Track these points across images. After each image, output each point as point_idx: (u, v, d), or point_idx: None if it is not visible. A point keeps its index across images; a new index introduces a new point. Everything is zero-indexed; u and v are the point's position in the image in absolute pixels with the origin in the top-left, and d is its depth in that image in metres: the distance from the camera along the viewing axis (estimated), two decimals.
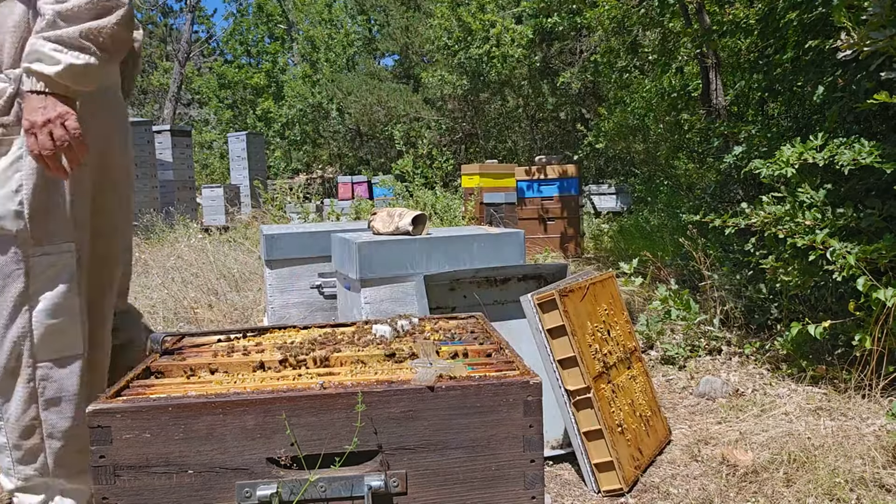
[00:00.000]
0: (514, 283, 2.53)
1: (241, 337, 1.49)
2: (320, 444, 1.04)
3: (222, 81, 22.96)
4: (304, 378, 1.17)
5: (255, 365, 1.25)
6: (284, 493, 1.04)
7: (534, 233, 7.30)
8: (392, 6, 17.99)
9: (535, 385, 1.06)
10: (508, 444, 1.06)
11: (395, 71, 19.58)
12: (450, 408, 1.05)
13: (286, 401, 1.04)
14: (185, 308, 4.57)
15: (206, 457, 1.03)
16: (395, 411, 1.05)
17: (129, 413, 1.02)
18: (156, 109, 23.94)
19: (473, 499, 1.06)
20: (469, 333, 1.46)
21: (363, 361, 1.27)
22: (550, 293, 2.08)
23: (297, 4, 23.51)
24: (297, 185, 12.42)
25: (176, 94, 20.65)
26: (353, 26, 21.26)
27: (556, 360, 2.06)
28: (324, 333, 1.49)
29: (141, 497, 1.02)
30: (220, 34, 25.96)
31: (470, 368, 1.16)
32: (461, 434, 1.06)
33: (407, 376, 1.12)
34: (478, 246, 2.51)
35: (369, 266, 2.37)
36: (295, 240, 3.05)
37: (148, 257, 6.79)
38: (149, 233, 9.37)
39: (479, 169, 8.29)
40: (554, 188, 7.43)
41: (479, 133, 15.53)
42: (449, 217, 8.30)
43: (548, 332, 2.07)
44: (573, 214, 7.50)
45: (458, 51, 13.28)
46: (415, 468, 1.06)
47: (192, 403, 1.03)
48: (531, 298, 2.07)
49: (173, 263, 5.75)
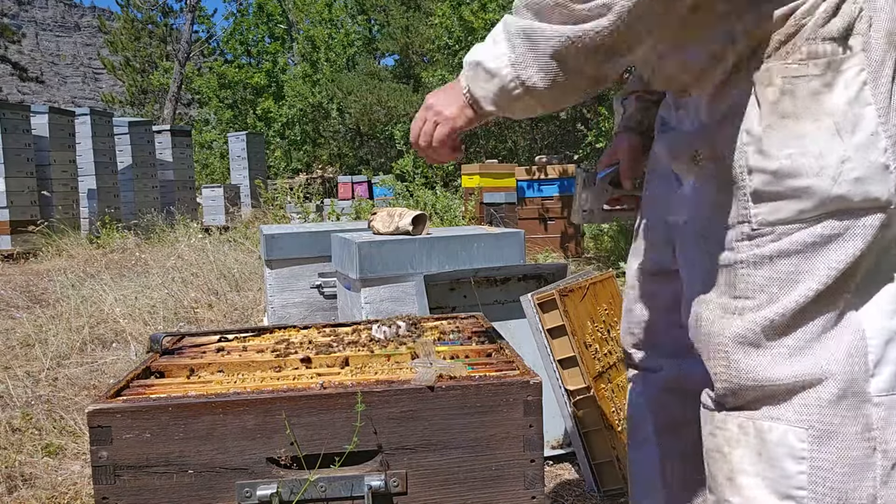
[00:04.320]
0: (514, 283, 2.53)
1: (241, 337, 1.49)
2: (320, 444, 1.05)
3: (222, 81, 22.95)
4: (304, 378, 1.17)
5: (274, 365, 1.25)
6: (284, 493, 1.04)
7: (534, 233, 7.30)
8: (392, 6, 18.00)
9: (535, 385, 1.06)
10: (508, 443, 1.06)
11: (396, 71, 19.59)
12: (450, 408, 1.05)
13: (286, 401, 1.04)
14: (185, 308, 4.57)
15: (206, 457, 1.03)
16: (395, 411, 1.05)
17: (129, 413, 1.02)
18: (156, 109, 23.95)
19: (473, 499, 1.07)
20: (469, 333, 1.46)
21: (363, 361, 1.27)
22: (550, 293, 2.08)
23: (298, 4, 23.50)
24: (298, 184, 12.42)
25: (176, 94, 20.66)
26: (354, 26, 21.27)
27: (556, 360, 2.06)
28: (324, 333, 1.49)
29: (141, 497, 1.02)
30: (220, 34, 25.96)
31: (470, 368, 1.16)
32: (461, 434, 1.06)
33: (407, 376, 1.12)
34: (478, 246, 2.51)
35: (369, 266, 2.37)
36: (295, 240, 3.05)
37: (148, 257, 6.79)
38: (149, 233, 9.37)
39: (479, 169, 8.29)
40: (554, 188, 7.43)
41: (479, 133, 15.54)
42: (449, 217, 8.30)
43: (548, 332, 2.07)
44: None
45: (459, 50, 13.28)
46: (415, 468, 1.06)
47: (192, 403, 1.03)
48: (531, 298, 2.07)
49: (173, 263, 5.75)
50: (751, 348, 1.02)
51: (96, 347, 3.94)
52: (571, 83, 1.00)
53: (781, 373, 0.99)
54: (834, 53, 0.96)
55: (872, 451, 0.98)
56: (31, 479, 2.26)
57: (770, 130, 0.98)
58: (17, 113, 9.16)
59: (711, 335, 1.05)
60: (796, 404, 0.99)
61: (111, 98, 26.66)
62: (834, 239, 0.96)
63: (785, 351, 1.00)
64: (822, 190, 0.95)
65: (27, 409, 2.82)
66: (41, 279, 6.60)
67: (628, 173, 1.39)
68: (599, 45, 0.95)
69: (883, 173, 0.95)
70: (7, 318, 4.75)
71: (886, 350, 0.98)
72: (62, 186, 9.78)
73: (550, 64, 0.98)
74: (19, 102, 21.53)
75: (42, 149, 9.52)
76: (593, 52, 0.96)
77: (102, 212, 10.33)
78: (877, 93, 0.96)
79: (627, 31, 0.95)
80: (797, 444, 0.99)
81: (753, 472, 1.01)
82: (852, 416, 0.98)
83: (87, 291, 4.92)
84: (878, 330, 0.98)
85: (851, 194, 0.95)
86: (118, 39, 25.21)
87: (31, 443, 2.53)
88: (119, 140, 11.34)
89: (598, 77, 1.01)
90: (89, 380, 3.32)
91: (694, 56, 1.06)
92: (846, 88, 0.96)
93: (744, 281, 1.02)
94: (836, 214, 0.96)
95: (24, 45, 44.71)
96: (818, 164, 0.95)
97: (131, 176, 11.55)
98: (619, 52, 0.97)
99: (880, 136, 0.95)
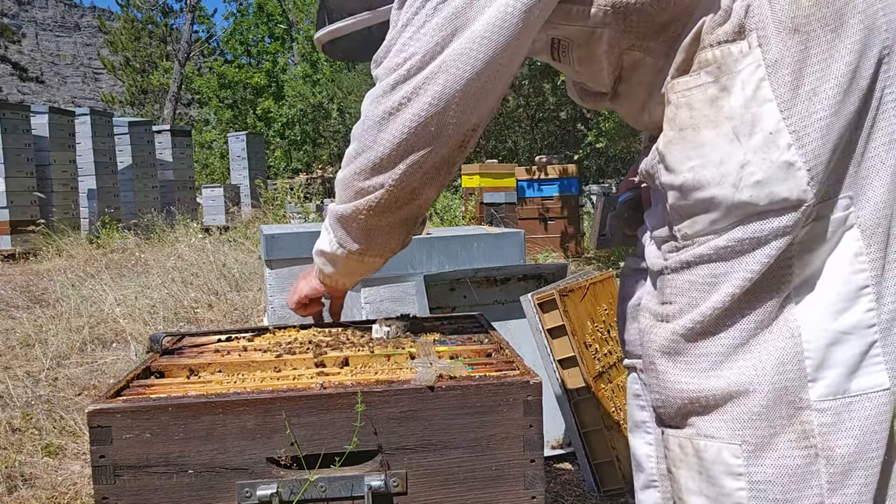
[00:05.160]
0: (514, 283, 2.53)
1: (241, 337, 1.49)
2: (320, 444, 1.04)
3: (222, 81, 22.95)
4: (304, 378, 1.17)
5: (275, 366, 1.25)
6: (284, 493, 1.04)
7: (534, 232, 7.30)
8: None
9: (535, 385, 1.06)
10: (508, 443, 1.06)
11: None
12: (450, 408, 1.05)
13: (286, 401, 1.04)
14: (185, 308, 4.57)
15: (206, 457, 1.03)
16: (395, 411, 1.05)
17: (129, 413, 1.02)
18: (156, 109, 23.95)
19: (473, 499, 1.06)
20: (469, 333, 1.46)
21: (363, 361, 1.27)
22: (550, 293, 2.08)
23: (298, 4, 23.51)
24: (298, 184, 12.42)
25: (176, 94, 20.66)
26: None
27: (556, 360, 2.06)
28: (324, 333, 1.49)
29: (141, 497, 1.02)
30: (220, 34, 25.97)
31: (470, 368, 1.16)
32: (461, 434, 1.06)
33: (407, 376, 1.12)
34: (478, 246, 2.51)
35: None
36: (295, 240, 3.05)
37: (148, 257, 6.79)
38: (149, 233, 9.37)
39: (479, 169, 8.29)
40: (554, 188, 7.43)
41: None
42: (449, 217, 8.30)
43: (548, 332, 2.07)
44: (573, 214, 7.50)
45: None
46: (415, 468, 1.06)
47: (192, 403, 1.03)
48: (531, 298, 2.07)
49: (173, 263, 5.75)
50: (675, 357, 1.00)
51: (96, 347, 3.94)
52: (388, 233, 1.25)
53: (707, 384, 0.97)
54: (724, 56, 0.94)
55: (815, 457, 0.94)
56: (31, 479, 2.26)
57: (671, 145, 0.98)
58: (17, 113, 9.16)
59: (645, 346, 1.06)
60: (727, 419, 0.96)
61: (111, 98, 26.68)
62: (749, 243, 0.93)
63: (709, 360, 0.97)
64: (726, 198, 0.93)
65: (27, 409, 2.82)
66: (41, 279, 6.60)
67: (650, 198, 1.36)
68: (393, 202, 1.13)
69: (787, 171, 0.90)
70: (7, 318, 4.75)
71: (827, 353, 0.94)
72: (62, 186, 9.78)
73: (361, 232, 1.21)
74: (19, 102, 21.54)
75: (42, 149, 9.52)
76: (393, 208, 1.15)
77: (102, 212, 10.33)
78: (777, 86, 0.91)
79: (416, 184, 1.11)
80: (732, 460, 0.96)
81: (697, 490, 1.00)
82: (787, 424, 0.94)
83: (87, 291, 4.93)
84: (819, 332, 0.94)
85: (755, 198, 0.91)
86: (118, 39, 25.22)
87: (31, 443, 2.53)
88: (119, 140, 11.34)
89: (412, 217, 1.22)
90: (89, 380, 3.32)
91: (653, 110, 1.09)
92: (743, 89, 0.92)
93: (669, 286, 1.01)
94: (747, 220, 0.93)
95: (24, 45, 44.71)
96: (719, 173, 0.93)
97: (131, 176, 11.56)
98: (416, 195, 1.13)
99: (782, 132, 0.91)
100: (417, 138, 1.03)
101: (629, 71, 1.09)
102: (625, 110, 1.19)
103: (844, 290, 0.95)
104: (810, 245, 0.95)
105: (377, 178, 1.09)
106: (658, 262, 1.05)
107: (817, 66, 0.91)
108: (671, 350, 1.01)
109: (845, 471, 0.94)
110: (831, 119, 0.91)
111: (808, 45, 0.91)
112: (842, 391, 0.94)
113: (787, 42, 0.91)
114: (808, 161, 0.90)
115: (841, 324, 0.94)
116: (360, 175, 1.11)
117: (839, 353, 0.94)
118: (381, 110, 1.04)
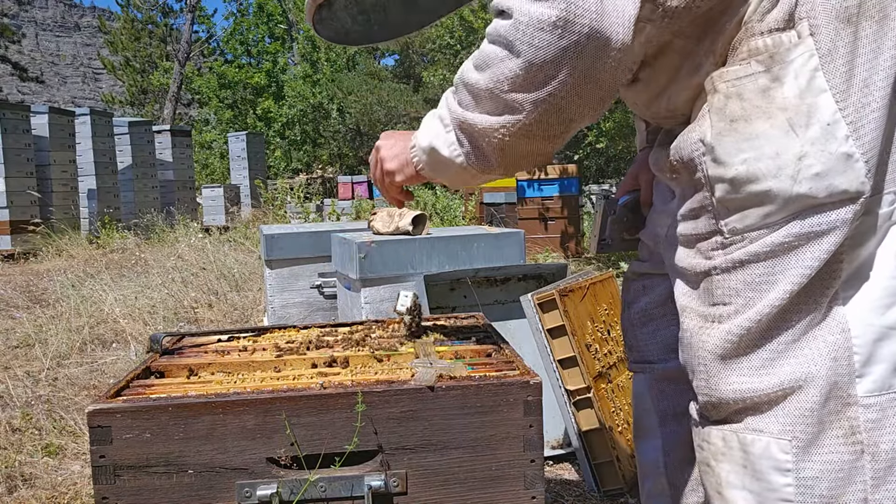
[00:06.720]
0: (514, 283, 2.53)
1: (242, 337, 1.49)
2: (320, 444, 1.05)
3: (222, 81, 22.95)
4: (304, 378, 1.17)
5: (275, 366, 1.25)
6: (284, 493, 1.04)
7: (534, 232, 7.30)
8: None
9: (535, 385, 1.06)
10: (508, 444, 1.06)
11: (396, 71, 19.60)
12: (450, 408, 1.05)
13: (286, 401, 1.04)
14: (185, 308, 4.57)
15: (206, 457, 1.03)
16: (395, 411, 1.05)
17: (129, 413, 1.02)
18: (156, 109, 23.95)
19: (473, 499, 1.06)
20: (469, 333, 1.46)
21: (363, 361, 1.27)
22: (550, 293, 2.08)
23: (298, 4, 23.50)
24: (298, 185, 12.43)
25: (176, 94, 20.65)
26: None
27: (556, 360, 2.06)
28: (324, 333, 1.49)
29: (141, 497, 1.02)
30: (220, 34, 25.96)
31: (470, 368, 1.16)
32: (461, 434, 1.06)
33: (407, 376, 1.12)
34: (478, 246, 2.51)
35: (369, 266, 2.37)
36: (295, 240, 3.05)
37: (148, 257, 6.79)
38: (149, 233, 9.38)
39: None
40: (554, 187, 7.43)
41: None
42: (449, 217, 8.30)
43: (548, 332, 2.07)
44: (573, 214, 7.50)
45: (461, 50, 13.28)
46: (415, 468, 1.06)
47: (192, 403, 1.03)
48: (531, 298, 2.07)
49: (173, 263, 5.75)
50: (730, 361, 0.99)
51: (96, 347, 3.94)
52: (524, 157, 1.06)
53: (762, 383, 0.96)
54: (776, 45, 0.92)
55: (860, 453, 0.94)
56: (31, 479, 2.26)
57: (720, 137, 0.95)
58: (17, 113, 9.16)
59: (692, 348, 1.03)
60: (779, 414, 0.96)
61: (111, 98, 26.68)
62: (806, 238, 0.92)
63: (765, 359, 0.96)
64: (783, 191, 0.91)
65: (27, 409, 2.82)
66: (41, 279, 6.60)
67: (650, 199, 1.32)
68: (537, 127, 0.98)
69: (846, 163, 0.89)
70: (7, 318, 4.75)
71: (875, 348, 0.94)
72: (62, 186, 9.78)
73: (496, 153, 1.04)
74: (19, 102, 21.52)
75: (42, 149, 9.53)
76: (539, 132, 1.00)
77: (102, 212, 10.33)
78: (832, 76, 0.90)
79: (566, 109, 0.97)
80: (781, 455, 0.96)
81: (740, 485, 0.99)
82: (835, 420, 0.94)
83: (86, 291, 4.93)
84: (866, 327, 0.94)
85: (815, 191, 0.90)
86: (118, 39, 25.22)
87: (31, 443, 2.53)
88: (119, 140, 11.34)
89: (547, 151, 1.05)
90: (89, 380, 3.32)
91: (675, 96, 1.06)
92: (796, 79, 0.91)
93: (720, 287, 0.99)
94: (804, 213, 0.91)
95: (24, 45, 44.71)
96: (775, 165, 0.91)
97: (131, 176, 11.56)
98: (571, 118, 0.98)
99: (839, 123, 0.89)
100: (584, 48, 0.91)
101: (655, 55, 1.05)
102: (639, 97, 1.13)
103: (891, 286, 0.94)
104: (859, 240, 0.94)
105: (529, 92, 0.96)
106: (701, 263, 1.01)
107: (867, 57, 0.90)
108: (727, 353, 0.99)
109: (889, 466, 0.94)
110: (883, 111, 0.90)
111: (858, 35, 0.90)
112: (887, 387, 0.94)
113: (840, 32, 0.90)
114: (866, 153, 0.90)
115: (887, 319, 0.94)
116: (508, 84, 0.96)
117: (886, 349, 0.94)
118: (546, 10, 0.91)
